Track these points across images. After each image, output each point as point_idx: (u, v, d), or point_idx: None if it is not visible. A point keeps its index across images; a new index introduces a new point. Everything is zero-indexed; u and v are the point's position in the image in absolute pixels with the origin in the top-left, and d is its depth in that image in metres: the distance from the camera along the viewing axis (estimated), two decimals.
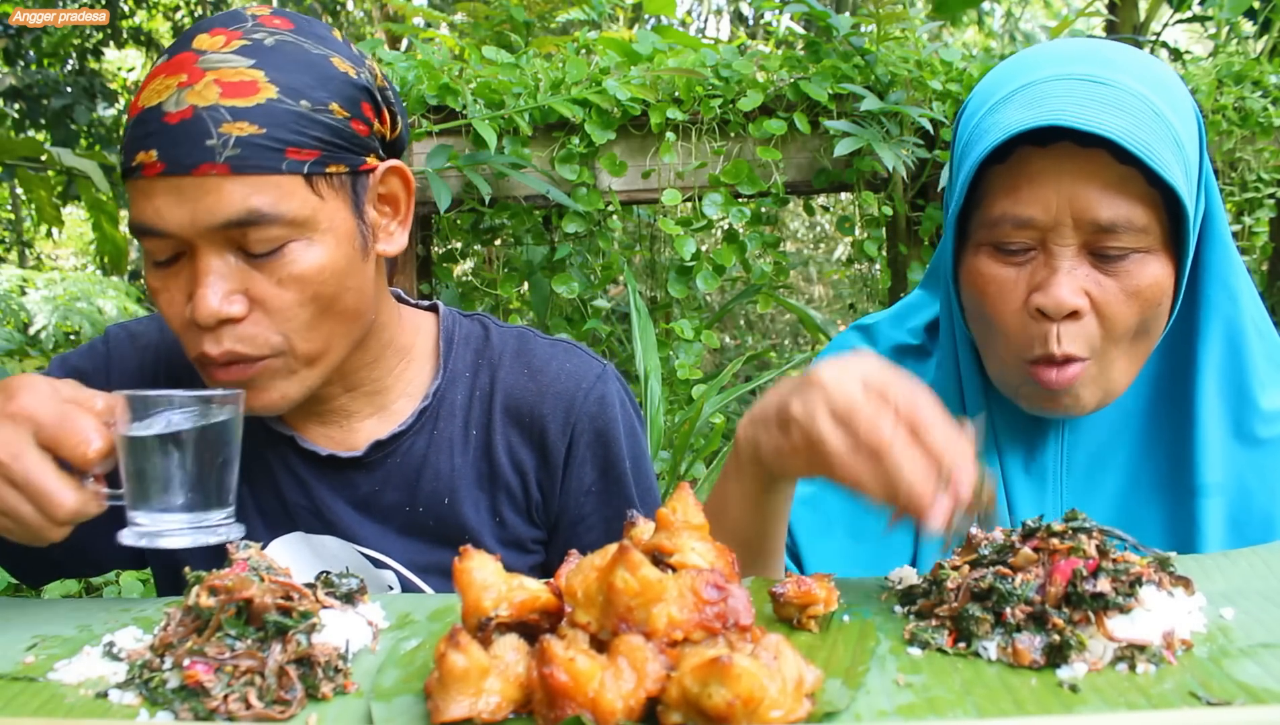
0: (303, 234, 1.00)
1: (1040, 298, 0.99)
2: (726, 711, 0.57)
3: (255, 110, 0.97)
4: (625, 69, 2.97)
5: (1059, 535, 0.74)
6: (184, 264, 1.01)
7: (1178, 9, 4.12)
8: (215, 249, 0.98)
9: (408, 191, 1.12)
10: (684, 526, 0.73)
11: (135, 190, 0.99)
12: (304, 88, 0.99)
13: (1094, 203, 0.97)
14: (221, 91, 0.97)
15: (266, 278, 0.99)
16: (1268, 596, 0.80)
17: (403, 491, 1.17)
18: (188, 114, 0.96)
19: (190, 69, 0.98)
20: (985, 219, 1.03)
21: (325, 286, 1.02)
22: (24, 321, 4.66)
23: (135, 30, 7.67)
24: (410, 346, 1.20)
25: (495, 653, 0.66)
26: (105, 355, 1.22)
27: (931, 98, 3.04)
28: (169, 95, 0.97)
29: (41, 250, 9.71)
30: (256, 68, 0.98)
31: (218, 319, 0.98)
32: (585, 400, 1.19)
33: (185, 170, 0.96)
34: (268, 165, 0.97)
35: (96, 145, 6.51)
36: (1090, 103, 0.96)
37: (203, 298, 0.97)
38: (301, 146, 0.99)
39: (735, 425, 1.27)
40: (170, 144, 0.96)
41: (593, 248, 3.30)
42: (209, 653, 0.69)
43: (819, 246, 8.38)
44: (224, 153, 0.95)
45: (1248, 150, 3.27)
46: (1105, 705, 0.63)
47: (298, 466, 1.16)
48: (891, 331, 1.26)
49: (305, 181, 1.00)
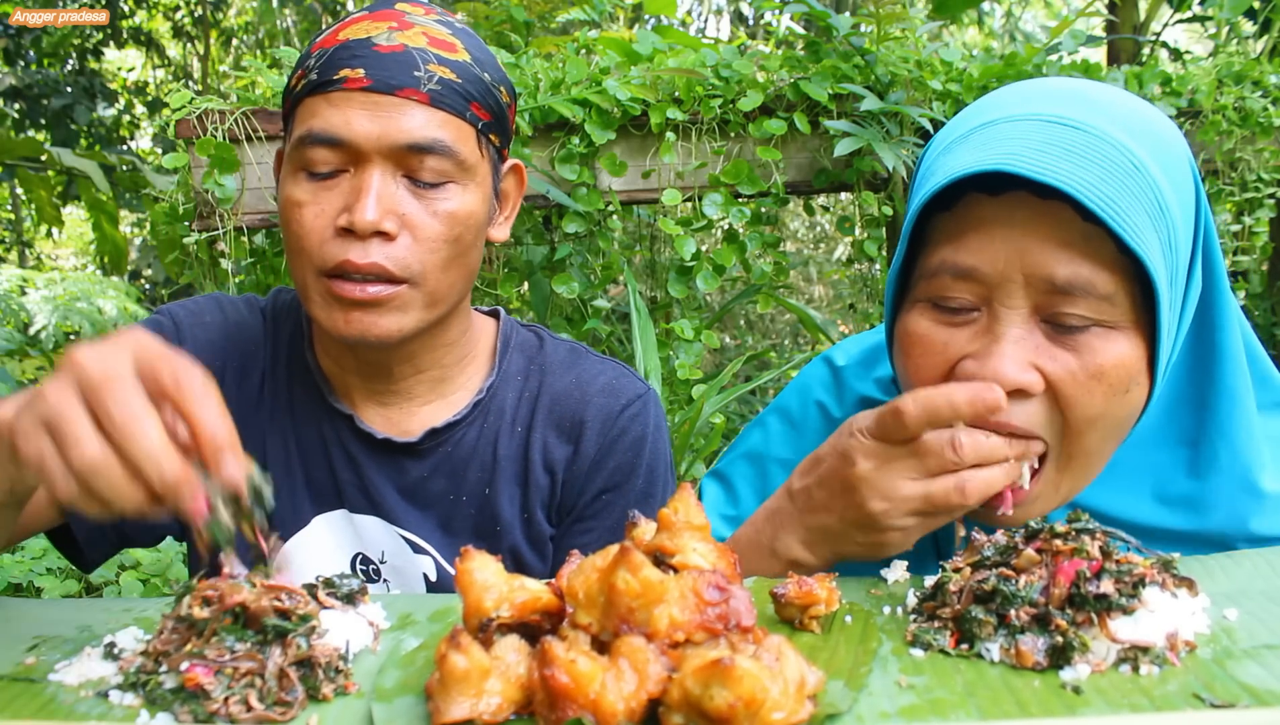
0: (463, 178, 1.11)
1: (974, 368, 0.85)
2: (728, 713, 0.57)
3: (455, 64, 1.10)
4: (625, 69, 2.97)
5: (1062, 537, 0.74)
6: (343, 181, 1.08)
7: (1178, 9, 4.12)
8: (388, 167, 1.07)
9: (519, 189, 1.25)
10: (685, 527, 0.73)
11: (324, 102, 1.07)
12: (487, 65, 1.15)
13: (1049, 259, 0.82)
14: (429, 41, 1.10)
15: (424, 207, 1.09)
16: (1271, 597, 0.80)
17: (450, 479, 1.22)
18: (399, 48, 1.08)
19: (399, 19, 1.11)
20: (924, 269, 0.89)
21: (466, 232, 1.12)
22: (24, 321, 4.66)
23: (135, 30, 7.67)
24: (475, 342, 1.27)
25: (496, 654, 0.65)
26: (174, 328, 1.24)
27: (931, 98, 3.04)
28: (380, 33, 1.09)
29: (41, 250, 9.72)
30: (455, 36, 1.13)
31: (374, 229, 1.05)
32: (623, 415, 1.24)
33: (390, 90, 1.06)
34: (457, 109, 1.09)
35: (96, 145, 6.51)
36: (1050, 148, 0.82)
37: (367, 206, 1.05)
38: (482, 106, 1.12)
39: (739, 427, 1.27)
40: (380, 67, 1.06)
41: (593, 248, 3.30)
42: (209, 655, 0.69)
43: (819, 246, 8.38)
44: (427, 85, 1.07)
45: (1248, 150, 3.27)
46: (1108, 707, 0.63)
47: (352, 445, 1.21)
48: (857, 383, 1.15)
49: (476, 136, 1.12)
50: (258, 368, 1.25)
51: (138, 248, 8.19)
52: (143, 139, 9.11)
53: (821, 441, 0.97)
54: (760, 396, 4.56)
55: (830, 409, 1.16)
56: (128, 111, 8.44)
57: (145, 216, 7.59)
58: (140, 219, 8.24)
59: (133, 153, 7.28)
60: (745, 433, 1.24)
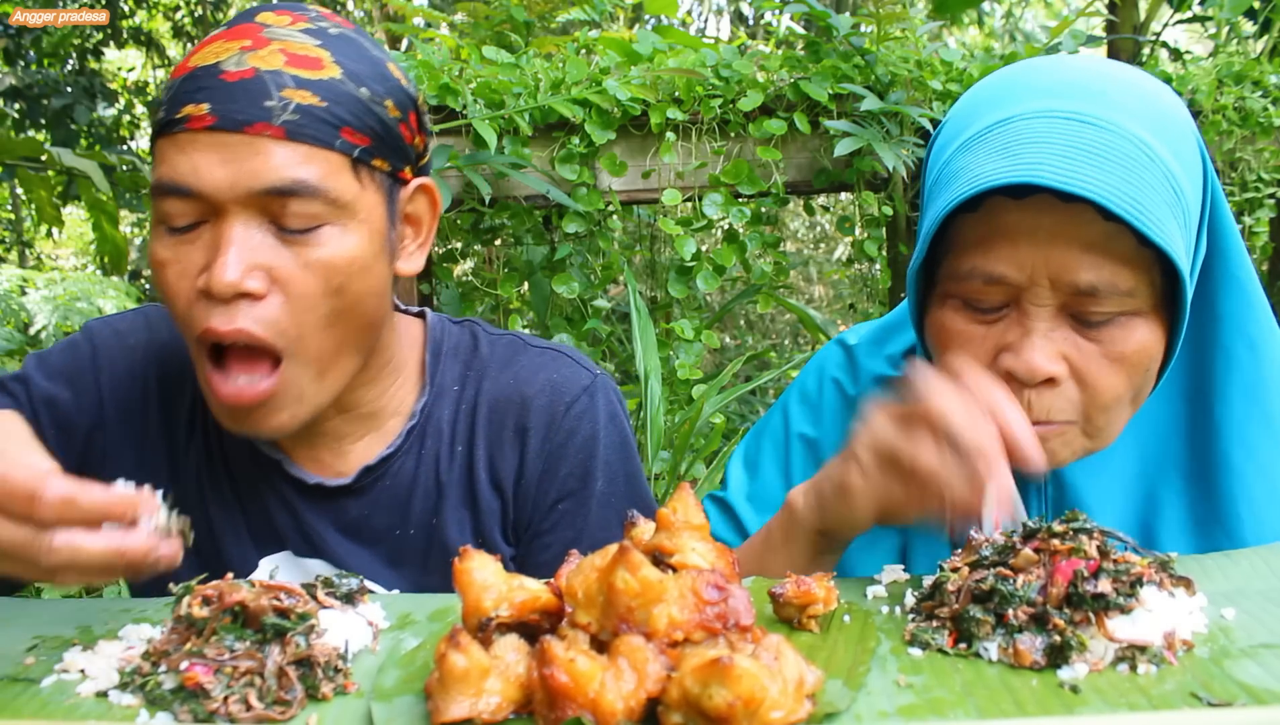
0: (340, 218, 0.96)
1: (1011, 361, 0.90)
2: (727, 712, 0.57)
3: (319, 84, 0.94)
4: (625, 69, 2.97)
5: (1060, 536, 0.74)
6: (204, 232, 0.95)
7: (1178, 9, 4.12)
8: (246, 217, 0.93)
9: (433, 213, 1.09)
10: (684, 526, 0.73)
11: (172, 146, 0.93)
12: (365, 78, 0.98)
13: (1074, 264, 0.87)
14: (286, 60, 0.94)
15: (294, 258, 0.94)
16: (1269, 596, 0.80)
17: (392, 514, 1.13)
18: (248, 73, 0.92)
19: (255, 36, 0.95)
20: (954, 271, 0.93)
21: (350, 281, 0.97)
22: (24, 321, 4.66)
23: (135, 30, 7.68)
24: (403, 363, 1.15)
25: (496, 653, 0.66)
26: (91, 354, 1.14)
27: (932, 98, 3.04)
28: (229, 56, 0.93)
29: (41, 250, 9.71)
30: (323, 48, 0.96)
31: (236, 291, 0.92)
32: (569, 414, 1.13)
33: (237, 126, 0.91)
34: (322, 138, 0.94)
35: (96, 145, 6.51)
36: (1073, 151, 0.85)
37: (224, 266, 0.91)
38: (356, 130, 0.96)
39: (739, 427, 1.27)
40: (225, 99, 0.91)
41: (593, 248, 3.30)
42: (208, 654, 0.69)
43: (819, 246, 8.38)
44: (281, 116, 0.92)
45: (1248, 150, 3.27)
46: (1106, 706, 0.63)
47: (286, 491, 1.12)
48: (869, 362, 1.18)
49: (352, 166, 0.96)
50: (186, 393, 1.14)
51: (138, 248, 8.19)
52: (143, 139, 9.11)
53: (838, 418, 1.11)
54: (760, 396, 4.56)
55: (846, 387, 1.19)
56: (128, 111, 8.44)
57: (145, 216, 7.60)
58: (140, 219, 8.24)
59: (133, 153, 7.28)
60: (765, 418, 1.25)
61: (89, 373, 1.14)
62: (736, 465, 1.23)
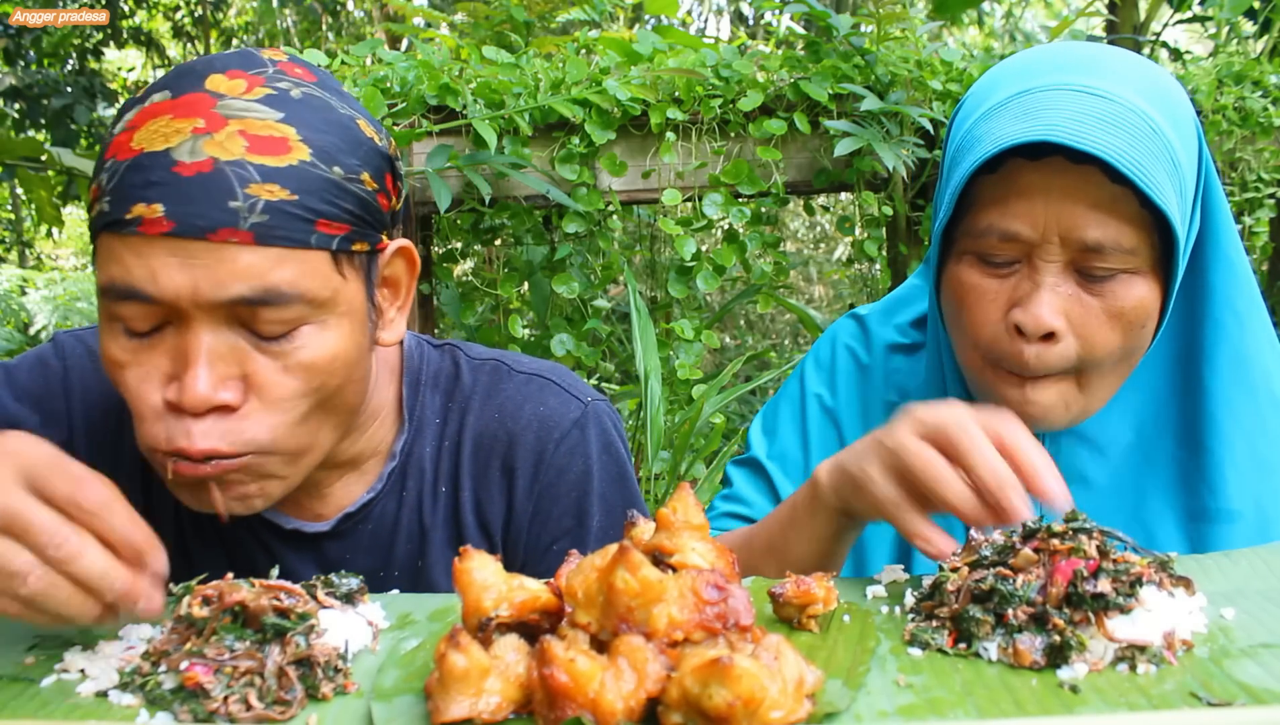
0: (319, 315, 0.88)
1: (1019, 314, 0.97)
2: (727, 712, 0.57)
3: (287, 172, 0.83)
4: (625, 69, 2.97)
5: (1059, 536, 0.74)
6: (167, 336, 0.86)
7: (1178, 9, 4.12)
8: (215, 324, 0.84)
9: (411, 273, 1.00)
10: (684, 526, 0.73)
11: (123, 247, 0.83)
12: (337, 152, 0.87)
13: (1083, 221, 0.95)
14: (248, 146, 0.83)
15: (270, 363, 0.86)
16: (1268, 596, 0.80)
17: (375, 556, 1.08)
18: (206, 167, 0.82)
19: (208, 113, 0.83)
20: (972, 228, 1.01)
21: (332, 377, 0.90)
22: (24, 321, 4.66)
23: (135, 30, 7.68)
24: (382, 404, 1.07)
25: (495, 653, 0.66)
26: (62, 375, 1.07)
27: (931, 98, 3.04)
28: (181, 142, 0.82)
29: (41, 250, 9.72)
30: (286, 123, 0.85)
31: (209, 407, 0.84)
32: (558, 452, 1.07)
33: (200, 234, 0.81)
34: (296, 238, 0.84)
35: (96, 145, 6.51)
36: (1085, 117, 0.93)
37: (196, 380, 0.83)
38: (332, 219, 0.87)
39: (739, 427, 1.29)
40: (183, 200, 0.81)
41: (593, 248, 3.30)
42: (208, 654, 0.69)
43: (819, 246, 8.38)
44: (249, 218, 0.82)
45: (1248, 150, 3.27)
46: (1106, 706, 0.63)
47: (263, 534, 1.07)
48: (881, 330, 1.26)
49: (331, 259, 0.87)
50: None
51: None
52: None
53: (852, 383, 1.23)
54: (760, 396, 4.57)
55: (859, 354, 1.26)
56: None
57: None
58: None
59: None
60: (781, 388, 1.31)
61: (59, 396, 1.07)
62: (756, 432, 1.29)
